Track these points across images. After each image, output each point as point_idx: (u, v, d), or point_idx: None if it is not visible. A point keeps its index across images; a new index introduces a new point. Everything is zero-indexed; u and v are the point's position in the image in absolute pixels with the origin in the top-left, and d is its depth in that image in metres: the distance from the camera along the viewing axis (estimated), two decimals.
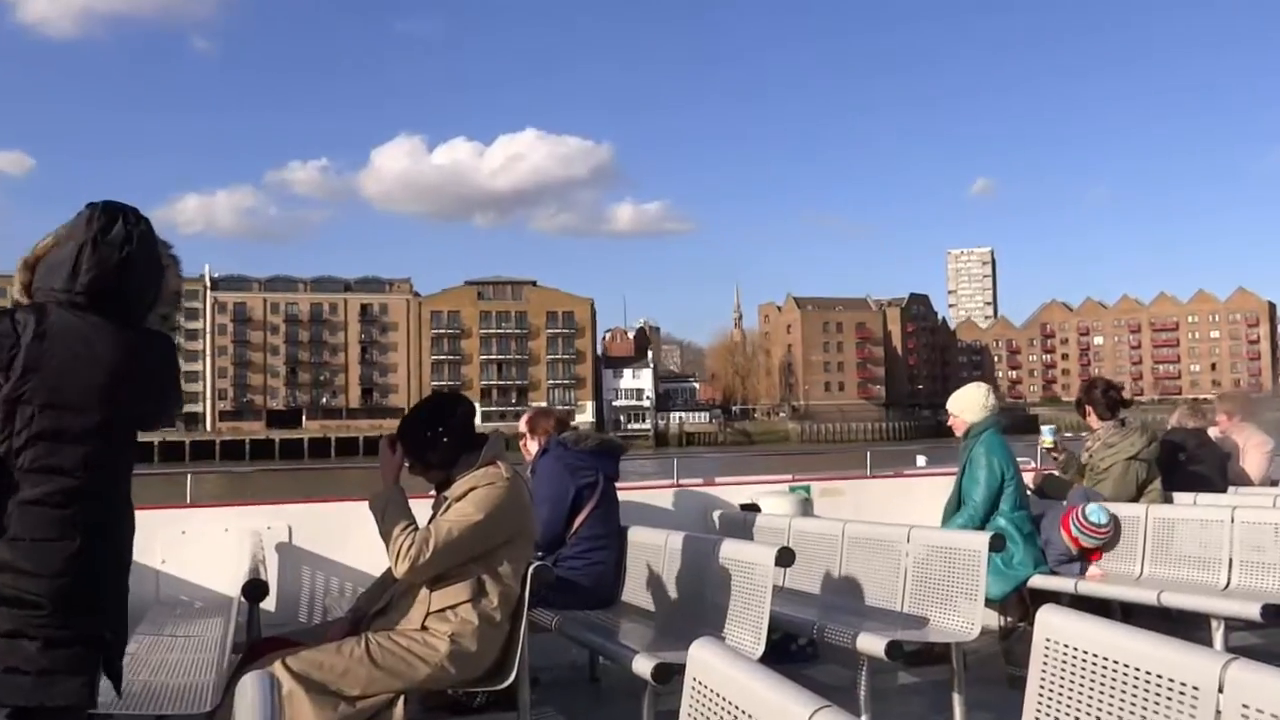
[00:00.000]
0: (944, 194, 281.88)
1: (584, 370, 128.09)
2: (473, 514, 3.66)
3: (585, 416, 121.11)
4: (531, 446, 5.78)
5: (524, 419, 5.90)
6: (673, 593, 4.82)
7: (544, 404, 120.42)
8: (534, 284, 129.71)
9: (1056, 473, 6.67)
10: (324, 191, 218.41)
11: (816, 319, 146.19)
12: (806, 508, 6.76)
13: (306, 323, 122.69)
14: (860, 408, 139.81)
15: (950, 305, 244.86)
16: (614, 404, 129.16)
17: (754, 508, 6.72)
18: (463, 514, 3.66)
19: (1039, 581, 5.63)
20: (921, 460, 8.83)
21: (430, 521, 3.75)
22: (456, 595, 3.67)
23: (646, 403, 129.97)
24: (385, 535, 3.68)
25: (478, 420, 3.88)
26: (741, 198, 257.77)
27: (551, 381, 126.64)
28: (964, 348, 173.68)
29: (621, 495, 5.77)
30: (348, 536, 5.62)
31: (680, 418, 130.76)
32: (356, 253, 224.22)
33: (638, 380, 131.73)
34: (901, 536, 4.97)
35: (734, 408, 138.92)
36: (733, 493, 7.02)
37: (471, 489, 3.72)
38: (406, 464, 3.87)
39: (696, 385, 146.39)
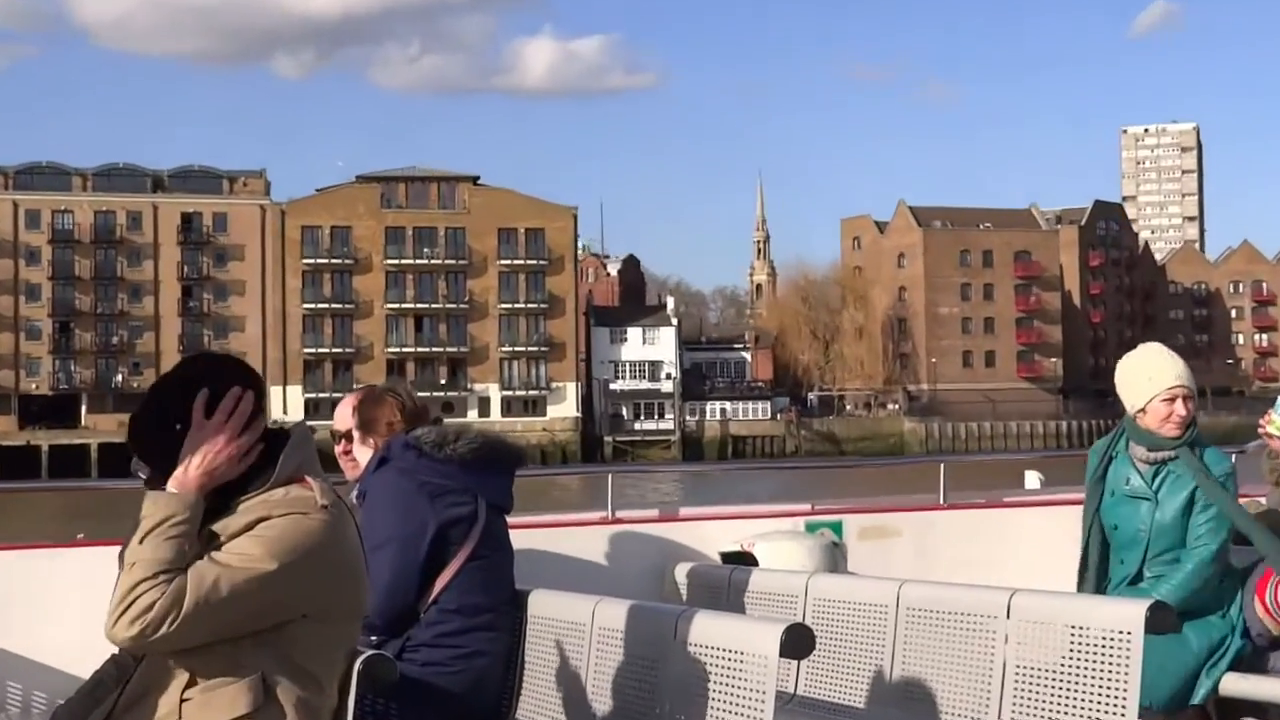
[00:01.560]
0: (1098, 31, 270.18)
1: (562, 329, 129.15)
2: (260, 561, 3.66)
3: (563, 408, 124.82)
4: (361, 453, 5.78)
5: (346, 402, 5.91)
6: (603, 703, 4.89)
7: (487, 385, 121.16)
8: (475, 181, 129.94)
9: (1262, 499, 6.63)
10: (7, 15, 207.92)
11: (949, 244, 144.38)
12: (835, 558, 6.93)
13: (88, 245, 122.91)
14: (1023, 395, 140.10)
15: (1129, 219, 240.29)
16: (612, 387, 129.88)
17: (745, 558, 6.85)
18: (245, 558, 3.67)
19: (1233, 683, 5.66)
20: (1033, 479, 9.11)
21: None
22: (230, 706, 3.67)
23: (667, 384, 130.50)
24: (131, 568, 3.66)
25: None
26: (741, 37, 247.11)
27: (508, 349, 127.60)
28: (1178, 294, 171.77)
29: (518, 539, 5.79)
30: (39, 608, 5.56)
31: (723, 411, 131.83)
32: (140, 127, 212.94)
33: (652, 347, 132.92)
34: (997, 606, 5.07)
35: (810, 395, 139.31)
36: (708, 533, 7.16)
37: (261, 520, 3.74)
38: (144, 480, 3.86)
39: (747, 357, 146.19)
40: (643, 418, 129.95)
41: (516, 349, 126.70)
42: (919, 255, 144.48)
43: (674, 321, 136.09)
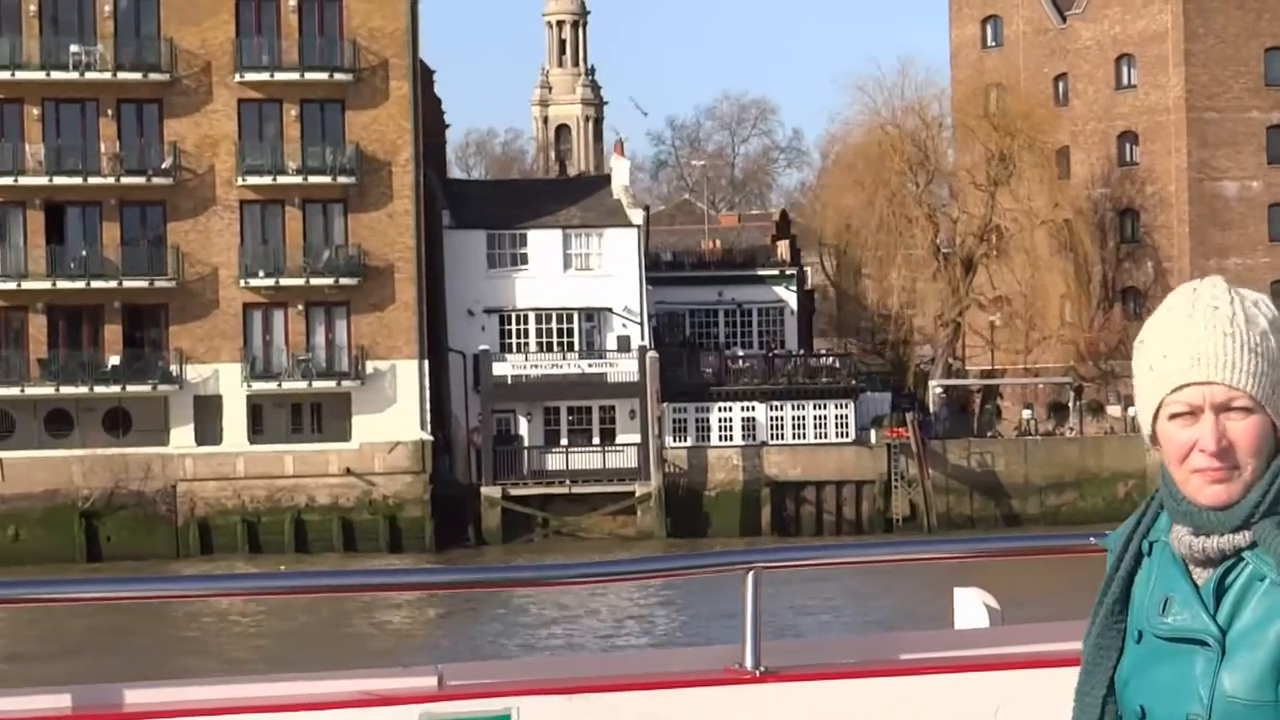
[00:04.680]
0: None
1: (388, 235, 78.52)
2: None
3: (389, 421, 77.67)
4: None
5: None
6: None
7: (216, 368, 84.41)
8: None
9: None
10: None
11: (1239, 29, 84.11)
12: None
13: None
14: None
15: None
16: (497, 372, 78.15)
17: None
18: None
19: None
20: (972, 605, 5.90)
21: None
22: None
23: (624, 364, 78.75)
24: None
25: None
26: None
27: (265, 282, 77.68)
28: None
29: None
30: None
31: (749, 424, 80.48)
32: None
33: (586, 278, 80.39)
34: None
35: (932, 386, 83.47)
36: None
37: None
38: None
39: (788, 300, 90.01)
40: (569, 442, 77.75)
41: (284, 283, 76.44)
42: (1169, 58, 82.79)
43: (637, 221, 79.38)
